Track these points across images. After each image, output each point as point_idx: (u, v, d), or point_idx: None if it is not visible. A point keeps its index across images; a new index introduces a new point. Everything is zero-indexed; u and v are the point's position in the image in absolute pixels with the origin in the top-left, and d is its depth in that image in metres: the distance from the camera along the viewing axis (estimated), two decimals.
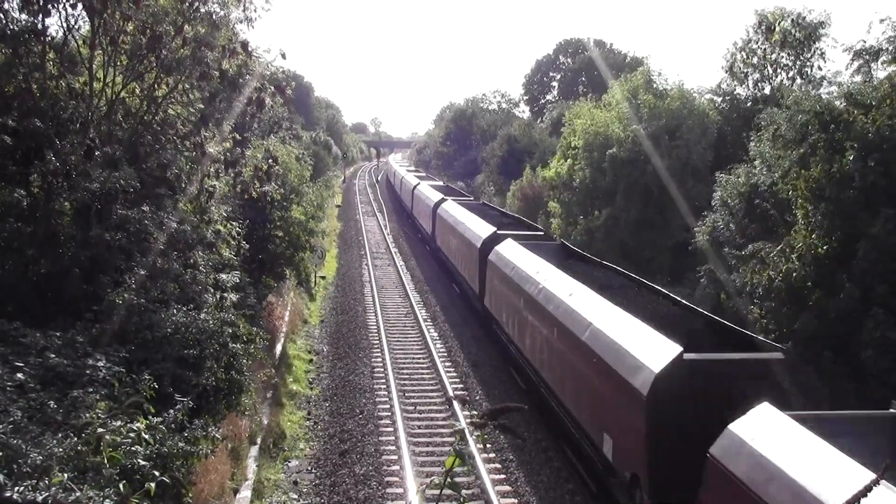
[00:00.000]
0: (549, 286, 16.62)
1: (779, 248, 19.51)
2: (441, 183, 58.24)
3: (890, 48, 19.98)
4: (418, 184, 50.10)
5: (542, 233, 26.76)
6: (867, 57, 20.60)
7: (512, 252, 20.84)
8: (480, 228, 25.96)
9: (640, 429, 11.03)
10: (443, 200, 36.93)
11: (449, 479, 3.06)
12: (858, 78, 20.49)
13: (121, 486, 6.68)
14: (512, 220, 30.27)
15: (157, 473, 7.48)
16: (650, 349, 11.52)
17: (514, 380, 20.28)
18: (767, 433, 8.53)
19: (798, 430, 8.37)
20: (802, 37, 32.34)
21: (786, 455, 8.06)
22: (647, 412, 10.78)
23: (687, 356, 10.91)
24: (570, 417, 14.63)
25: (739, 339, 12.42)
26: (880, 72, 20.29)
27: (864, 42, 20.79)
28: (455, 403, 17.78)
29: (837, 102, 19.12)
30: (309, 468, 15.03)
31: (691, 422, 10.28)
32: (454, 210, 32.59)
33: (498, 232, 24.27)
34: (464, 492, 13.10)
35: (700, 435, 9.40)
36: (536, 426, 17.14)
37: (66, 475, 6.86)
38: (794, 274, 18.43)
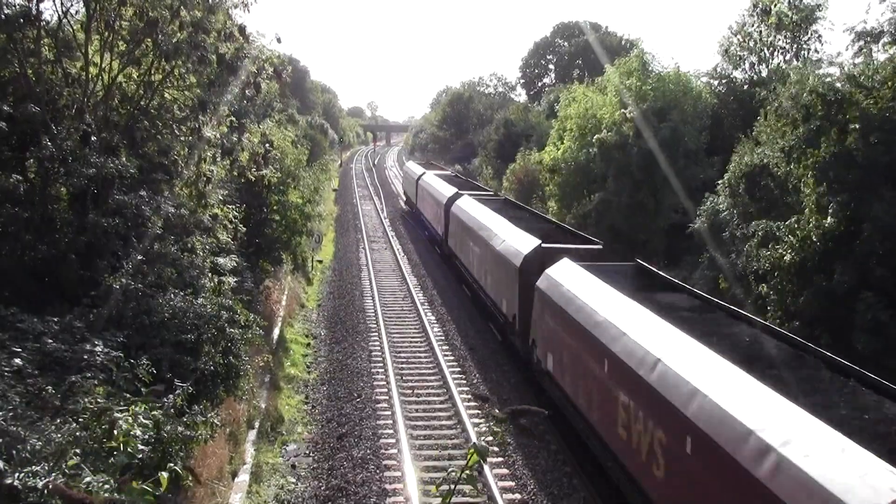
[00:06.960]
0: (657, 352, 10.89)
1: (788, 223, 19.35)
2: (450, 172, 51.21)
3: (891, 30, 19.95)
4: (423, 174, 43.66)
5: (599, 246, 19.35)
6: (868, 38, 20.57)
7: (575, 281, 15.14)
8: (517, 240, 19.94)
9: None
10: (457, 196, 31.13)
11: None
12: (860, 59, 20.45)
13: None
14: (552, 226, 23.87)
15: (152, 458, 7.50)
16: None
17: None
18: None
19: None
20: (799, 19, 32.28)
21: None
22: None
23: None
24: None
25: None
26: (881, 54, 20.27)
27: (866, 23, 20.74)
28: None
29: (839, 84, 19.07)
30: (307, 452, 15.11)
31: None
32: (474, 210, 26.81)
33: (544, 246, 18.50)
34: None
35: None
36: None
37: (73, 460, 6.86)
38: (804, 252, 18.38)
